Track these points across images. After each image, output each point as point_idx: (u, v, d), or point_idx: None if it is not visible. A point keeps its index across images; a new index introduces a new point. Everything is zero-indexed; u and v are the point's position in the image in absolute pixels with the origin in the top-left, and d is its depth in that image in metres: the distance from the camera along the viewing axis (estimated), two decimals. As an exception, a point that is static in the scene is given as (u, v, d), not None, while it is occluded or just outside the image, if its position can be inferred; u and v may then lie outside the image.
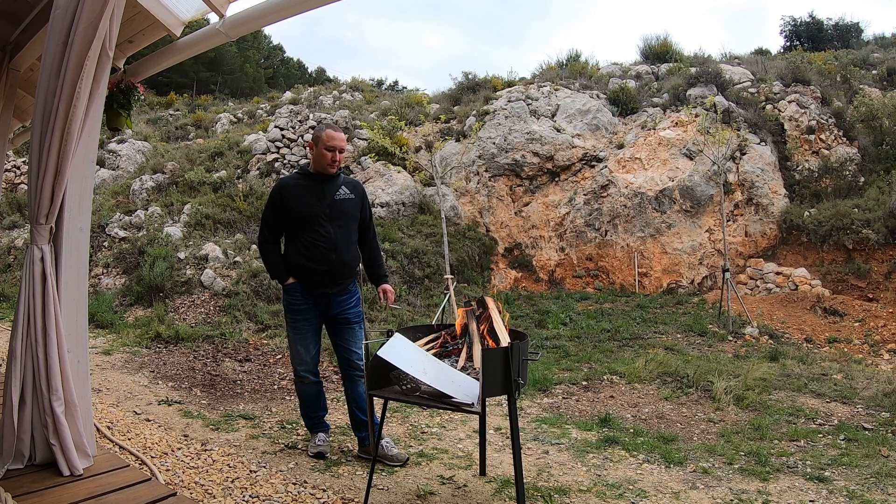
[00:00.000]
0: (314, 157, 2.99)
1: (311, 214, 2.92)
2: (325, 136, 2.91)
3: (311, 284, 2.96)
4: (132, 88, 3.25)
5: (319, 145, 2.93)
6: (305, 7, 2.66)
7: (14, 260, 9.26)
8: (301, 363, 3.07)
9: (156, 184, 10.41)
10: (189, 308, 7.11)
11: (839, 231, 8.43)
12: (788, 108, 10.40)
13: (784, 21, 21.44)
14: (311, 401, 3.19)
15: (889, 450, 3.45)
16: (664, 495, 2.78)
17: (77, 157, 2.14)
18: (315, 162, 2.99)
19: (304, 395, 3.19)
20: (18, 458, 2.02)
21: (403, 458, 3.05)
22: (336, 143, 2.92)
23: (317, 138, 2.95)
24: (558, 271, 9.77)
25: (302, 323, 3.01)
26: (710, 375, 4.92)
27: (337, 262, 2.95)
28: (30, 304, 2.03)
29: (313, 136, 2.98)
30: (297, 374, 3.12)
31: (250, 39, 23.89)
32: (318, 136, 2.94)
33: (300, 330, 3.02)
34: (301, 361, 3.07)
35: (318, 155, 2.94)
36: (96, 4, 1.97)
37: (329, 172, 2.97)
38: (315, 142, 2.95)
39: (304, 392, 3.17)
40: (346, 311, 3.06)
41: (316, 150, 2.95)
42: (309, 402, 3.19)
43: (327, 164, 2.93)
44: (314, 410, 3.20)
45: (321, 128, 2.97)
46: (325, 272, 2.94)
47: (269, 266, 3.08)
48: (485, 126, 10.49)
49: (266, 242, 3.04)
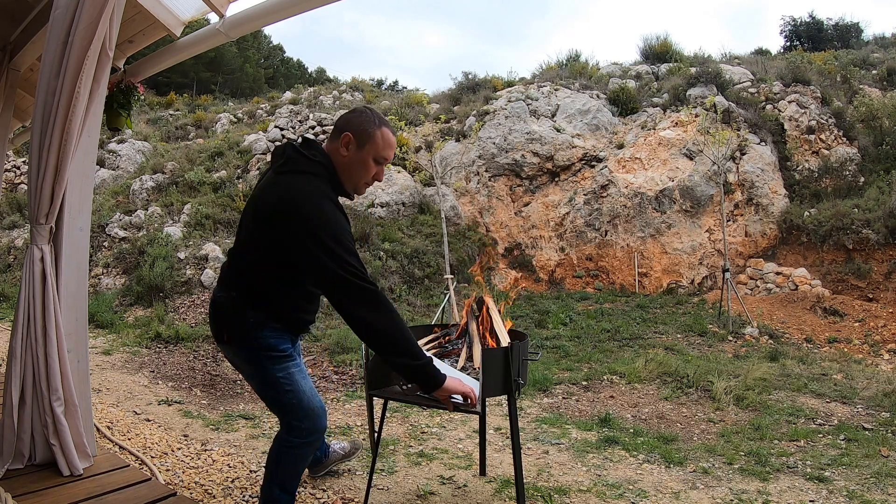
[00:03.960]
0: (348, 162, 1.84)
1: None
2: (380, 137, 1.83)
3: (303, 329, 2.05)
4: (132, 88, 3.25)
5: (367, 149, 1.83)
6: (305, 7, 2.66)
7: (14, 260, 9.26)
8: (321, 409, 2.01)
9: (156, 184, 10.41)
10: (189, 308, 7.11)
11: (839, 231, 8.43)
12: (788, 108, 10.41)
13: (784, 21, 21.53)
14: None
15: (889, 450, 3.45)
16: (664, 495, 2.78)
17: (77, 157, 2.14)
18: (346, 169, 1.85)
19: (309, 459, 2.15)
20: (18, 458, 2.02)
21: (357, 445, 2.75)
22: (391, 152, 1.89)
23: (365, 135, 1.82)
24: (558, 271, 9.77)
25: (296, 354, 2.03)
26: (710, 375, 4.92)
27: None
28: (30, 304, 2.03)
29: (358, 128, 1.82)
30: (319, 430, 2.02)
31: (250, 39, 23.90)
32: (370, 133, 1.82)
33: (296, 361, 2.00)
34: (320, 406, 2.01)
35: (359, 164, 1.84)
36: (96, 4, 1.97)
37: (359, 192, 1.94)
38: (359, 139, 1.82)
39: (309, 458, 2.12)
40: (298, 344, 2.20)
41: (356, 152, 1.83)
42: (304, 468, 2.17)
43: (364, 182, 1.89)
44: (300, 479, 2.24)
45: (372, 120, 1.84)
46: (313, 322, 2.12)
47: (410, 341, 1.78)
48: (485, 126, 10.50)
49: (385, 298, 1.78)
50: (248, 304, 1.86)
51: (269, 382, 1.93)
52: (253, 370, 1.96)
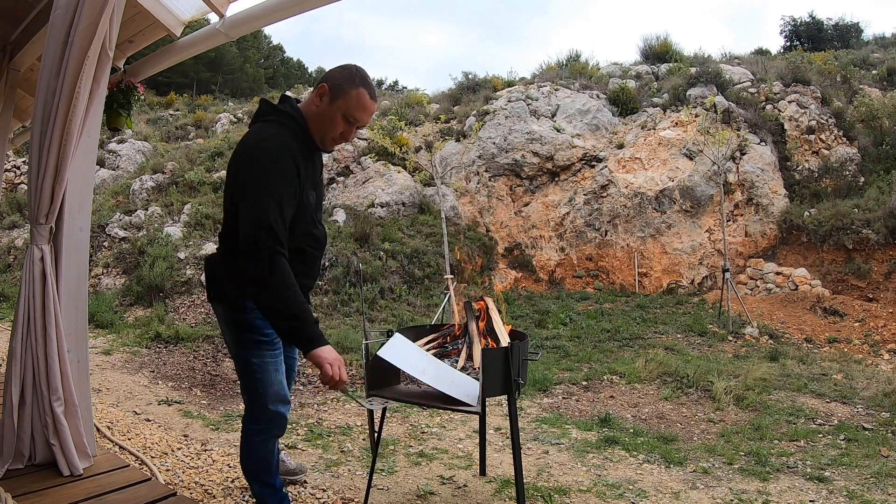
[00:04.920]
0: (318, 113, 1.84)
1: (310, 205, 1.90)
2: (355, 97, 1.80)
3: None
4: (132, 88, 3.25)
5: (338, 104, 1.81)
6: (305, 7, 2.66)
7: (14, 260, 9.26)
8: (284, 400, 1.99)
9: (156, 184, 10.41)
10: (189, 308, 7.11)
11: (839, 231, 8.43)
12: (788, 108, 10.41)
13: (784, 21, 21.51)
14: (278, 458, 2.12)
15: (889, 450, 3.45)
16: (664, 495, 2.78)
17: (77, 157, 2.14)
18: (315, 120, 1.85)
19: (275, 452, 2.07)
20: (18, 458, 2.02)
21: (302, 470, 2.68)
22: (364, 117, 1.85)
23: (339, 90, 1.81)
24: (558, 271, 9.77)
25: (278, 341, 1.93)
26: (710, 375, 4.92)
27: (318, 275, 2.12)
28: (30, 303, 2.03)
29: (335, 81, 1.82)
30: (279, 419, 1.98)
31: (250, 39, 23.90)
32: (345, 90, 1.80)
33: (278, 351, 1.96)
34: (285, 398, 1.99)
35: (327, 118, 1.83)
36: (96, 4, 1.97)
37: (325, 148, 1.92)
38: (333, 93, 1.81)
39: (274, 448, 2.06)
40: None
41: (328, 105, 1.82)
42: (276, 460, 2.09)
43: (332, 137, 1.87)
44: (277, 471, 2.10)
45: (353, 78, 1.82)
46: (310, 288, 2.03)
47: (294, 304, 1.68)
48: (485, 126, 10.50)
49: (280, 256, 1.69)
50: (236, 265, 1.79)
51: (243, 362, 1.94)
52: (233, 345, 1.98)
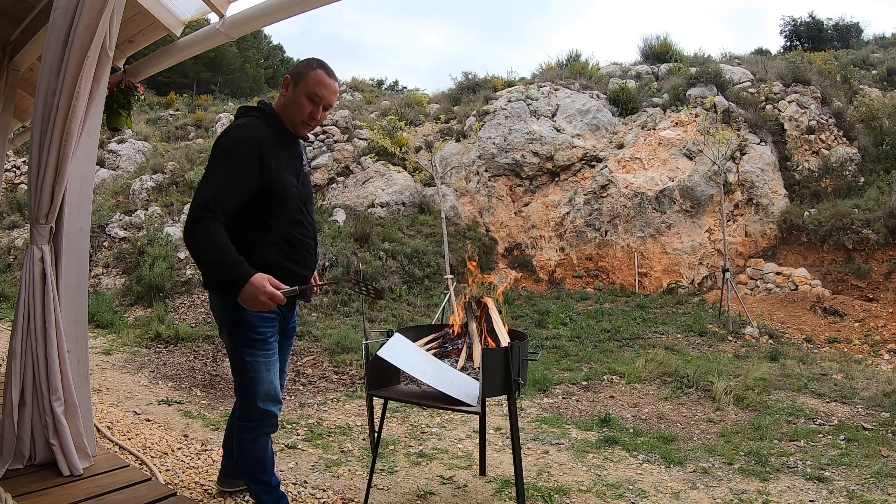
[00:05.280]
0: (285, 102, 1.98)
1: (292, 191, 1.98)
2: (312, 77, 1.94)
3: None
4: (132, 88, 3.25)
5: (300, 87, 1.94)
6: (305, 7, 2.67)
7: (14, 260, 9.26)
8: (275, 399, 2.05)
9: (156, 184, 10.41)
10: (189, 308, 7.11)
11: (839, 231, 8.43)
12: (788, 108, 10.41)
13: (784, 21, 21.51)
14: (272, 456, 2.14)
15: (889, 450, 3.45)
16: (664, 495, 2.78)
17: (77, 157, 2.14)
18: (284, 109, 1.98)
19: (268, 450, 2.10)
20: (18, 458, 2.02)
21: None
22: (326, 93, 1.95)
23: (298, 76, 1.95)
24: (558, 271, 9.77)
25: (273, 339, 2.03)
26: (710, 375, 4.92)
27: (315, 262, 2.16)
28: (30, 303, 2.03)
29: (295, 70, 1.98)
30: (269, 417, 2.03)
31: (250, 39, 23.89)
32: (303, 73, 1.95)
33: (272, 350, 2.03)
34: (276, 397, 2.05)
35: (293, 102, 1.96)
36: (96, 4, 1.97)
37: (299, 133, 2.03)
38: (294, 80, 1.96)
39: (267, 446, 2.09)
40: (293, 322, 2.25)
41: (292, 92, 1.96)
42: (270, 458, 2.12)
43: (301, 120, 1.98)
44: (272, 470, 2.13)
45: (310, 63, 1.98)
46: (306, 278, 2.08)
47: (216, 254, 1.76)
48: (485, 126, 10.50)
49: (208, 219, 1.78)
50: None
51: (235, 358, 2.01)
52: (228, 342, 2.03)
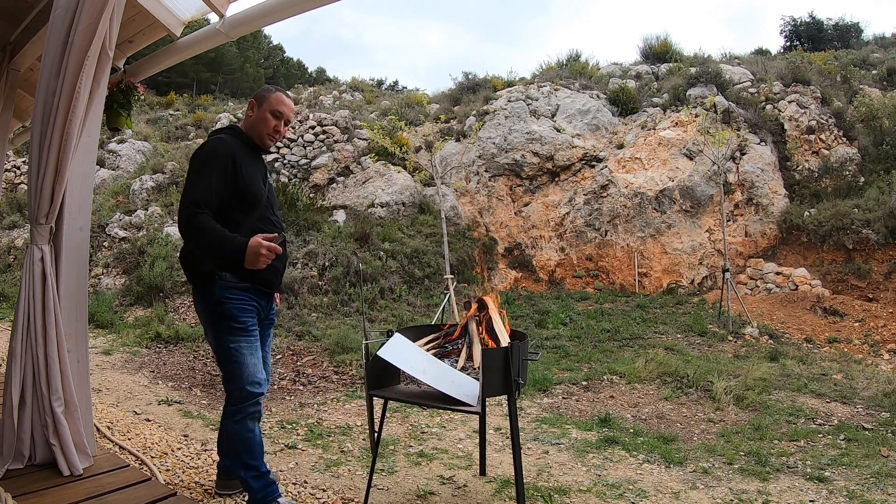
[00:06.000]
0: (252, 121, 2.38)
1: (261, 193, 2.30)
2: (274, 98, 2.37)
3: (264, 283, 2.28)
4: (132, 88, 3.25)
5: (264, 107, 2.37)
6: (305, 7, 2.67)
7: (14, 260, 9.26)
8: (258, 383, 2.17)
9: (156, 184, 10.41)
10: (189, 308, 7.10)
11: (839, 231, 8.43)
12: (788, 108, 10.41)
13: (784, 21, 21.55)
14: (260, 442, 2.21)
15: (889, 450, 3.45)
16: (664, 495, 2.78)
17: (77, 157, 2.14)
18: (251, 127, 2.38)
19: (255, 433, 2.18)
20: (18, 458, 2.02)
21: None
22: (286, 109, 2.38)
23: (262, 98, 2.39)
24: (558, 271, 9.77)
25: (253, 327, 2.23)
26: (710, 375, 4.92)
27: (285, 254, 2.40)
28: (30, 304, 2.03)
29: (257, 95, 2.41)
30: (252, 399, 2.16)
31: (250, 39, 23.90)
32: (265, 96, 2.39)
33: (254, 337, 2.22)
34: (260, 380, 2.19)
35: (259, 119, 2.36)
36: (96, 4, 1.97)
37: (265, 145, 2.41)
38: (259, 102, 2.39)
39: (254, 429, 2.18)
40: (272, 313, 2.48)
41: (257, 112, 2.38)
42: (258, 443, 2.20)
43: (267, 133, 2.37)
44: (261, 456, 2.21)
45: (269, 88, 2.45)
46: (280, 270, 2.36)
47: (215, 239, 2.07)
48: (485, 126, 10.50)
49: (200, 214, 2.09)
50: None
51: (219, 345, 2.19)
52: (211, 334, 2.23)
